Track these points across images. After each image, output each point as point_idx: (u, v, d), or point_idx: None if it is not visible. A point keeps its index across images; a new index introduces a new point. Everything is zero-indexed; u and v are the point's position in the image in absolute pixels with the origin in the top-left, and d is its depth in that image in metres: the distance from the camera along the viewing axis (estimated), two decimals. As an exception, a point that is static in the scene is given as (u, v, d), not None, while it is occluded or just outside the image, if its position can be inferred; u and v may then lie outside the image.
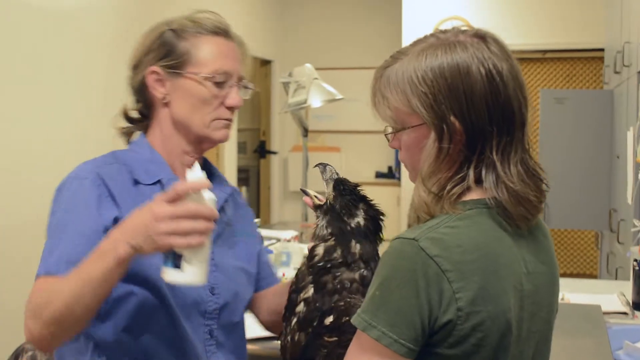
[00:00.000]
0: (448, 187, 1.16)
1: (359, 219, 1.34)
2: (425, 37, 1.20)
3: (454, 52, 1.15)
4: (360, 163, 7.33)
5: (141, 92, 1.53)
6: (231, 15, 6.29)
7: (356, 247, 1.32)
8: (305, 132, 4.04)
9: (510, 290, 1.13)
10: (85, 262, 1.25)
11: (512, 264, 1.16)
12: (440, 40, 1.18)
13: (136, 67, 1.51)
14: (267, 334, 2.07)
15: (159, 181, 1.48)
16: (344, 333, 1.25)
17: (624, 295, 2.66)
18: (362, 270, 1.31)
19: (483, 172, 1.15)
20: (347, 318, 1.24)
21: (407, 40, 6.18)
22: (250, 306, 1.67)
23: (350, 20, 7.32)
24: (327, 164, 1.42)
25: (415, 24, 6.16)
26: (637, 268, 2.60)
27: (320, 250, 1.34)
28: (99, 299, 1.26)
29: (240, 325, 1.60)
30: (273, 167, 7.26)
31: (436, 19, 6.10)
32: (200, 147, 1.54)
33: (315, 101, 3.76)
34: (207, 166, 1.60)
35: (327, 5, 7.41)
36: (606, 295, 2.69)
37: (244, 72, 1.53)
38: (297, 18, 7.40)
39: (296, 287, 1.37)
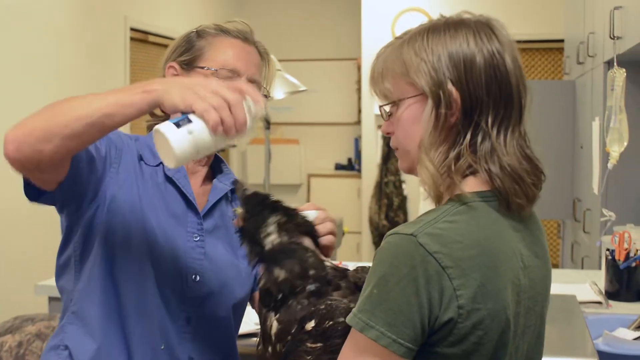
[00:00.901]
0: (448, 162, 1.14)
1: (272, 236, 1.27)
2: (431, 20, 1.23)
3: (458, 30, 1.17)
4: (319, 155, 7.28)
5: None
6: (190, 8, 6.20)
7: (281, 273, 1.25)
8: (268, 124, 3.98)
9: (509, 286, 1.12)
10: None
11: (510, 258, 1.14)
12: (444, 19, 1.21)
13: (163, 65, 1.59)
14: (244, 330, 2.01)
15: (160, 163, 1.52)
16: (330, 338, 1.18)
17: (596, 285, 2.66)
18: (309, 286, 1.24)
19: (478, 140, 1.14)
20: (331, 322, 1.18)
21: (366, 31, 6.17)
22: (253, 303, 1.65)
23: (309, 12, 7.27)
24: (238, 181, 1.35)
25: (375, 15, 6.15)
26: (609, 257, 2.60)
27: (260, 295, 1.29)
28: (95, 117, 1.20)
29: (226, 321, 1.56)
30: (232, 161, 7.17)
31: (395, 10, 6.10)
32: None
33: (278, 93, 3.70)
34: (218, 162, 1.64)
35: (285, -4, 7.35)
36: (578, 285, 2.69)
37: (260, 78, 1.58)
38: (256, 9, 7.31)
39: (263, 324, 1.29)
